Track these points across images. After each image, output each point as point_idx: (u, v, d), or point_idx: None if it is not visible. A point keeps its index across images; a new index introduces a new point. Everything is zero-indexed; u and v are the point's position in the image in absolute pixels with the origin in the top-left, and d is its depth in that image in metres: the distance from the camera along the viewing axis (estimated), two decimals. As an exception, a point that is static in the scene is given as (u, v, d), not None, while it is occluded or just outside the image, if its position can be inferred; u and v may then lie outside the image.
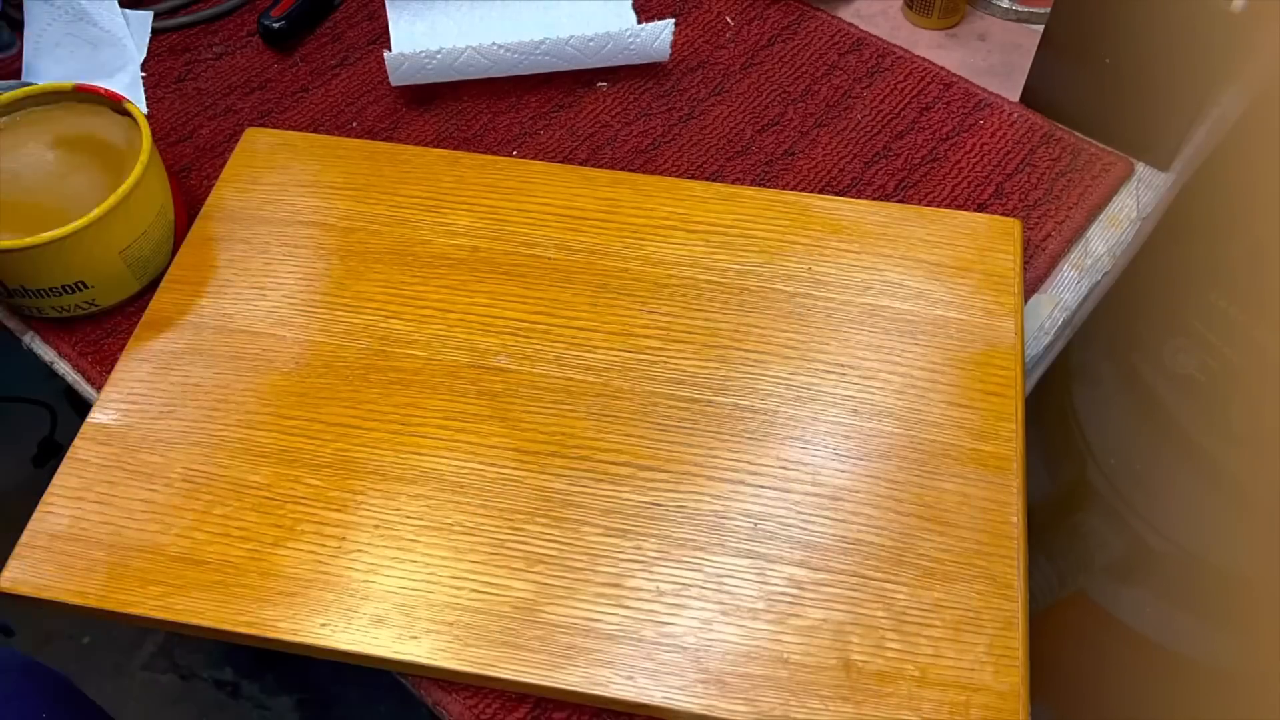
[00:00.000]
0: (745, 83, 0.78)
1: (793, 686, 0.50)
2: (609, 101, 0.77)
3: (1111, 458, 0.92)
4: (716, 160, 0.73)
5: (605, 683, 0.50)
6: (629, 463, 0.57)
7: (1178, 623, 0.92)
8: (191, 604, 0.53)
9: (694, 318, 0.62)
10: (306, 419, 0.59)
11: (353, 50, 0.81)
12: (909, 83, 0.77)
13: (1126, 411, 0.90)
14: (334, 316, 0.63)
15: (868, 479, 0.56)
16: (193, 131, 0.77)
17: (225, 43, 0.82)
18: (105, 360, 0.64)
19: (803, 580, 0.53)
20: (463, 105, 0.77)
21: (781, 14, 0.82)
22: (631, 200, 0.68)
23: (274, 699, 1.27)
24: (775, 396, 0.59)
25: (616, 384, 0.60)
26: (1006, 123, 0.74)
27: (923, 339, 0.61)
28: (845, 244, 0.65)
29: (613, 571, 0.53)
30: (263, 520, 0.56)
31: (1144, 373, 0.88)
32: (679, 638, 0.52)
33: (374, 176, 0.70)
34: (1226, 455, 0.84)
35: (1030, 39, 0.75)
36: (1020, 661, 0.51)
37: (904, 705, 0.49)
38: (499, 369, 0.61)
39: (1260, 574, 0.86)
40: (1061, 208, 0.70)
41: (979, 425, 0.58)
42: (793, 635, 0.51)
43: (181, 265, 0.66)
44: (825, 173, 0.72)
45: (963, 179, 0.71)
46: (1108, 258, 0.69)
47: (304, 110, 0.77)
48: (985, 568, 0.53)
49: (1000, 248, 0.65)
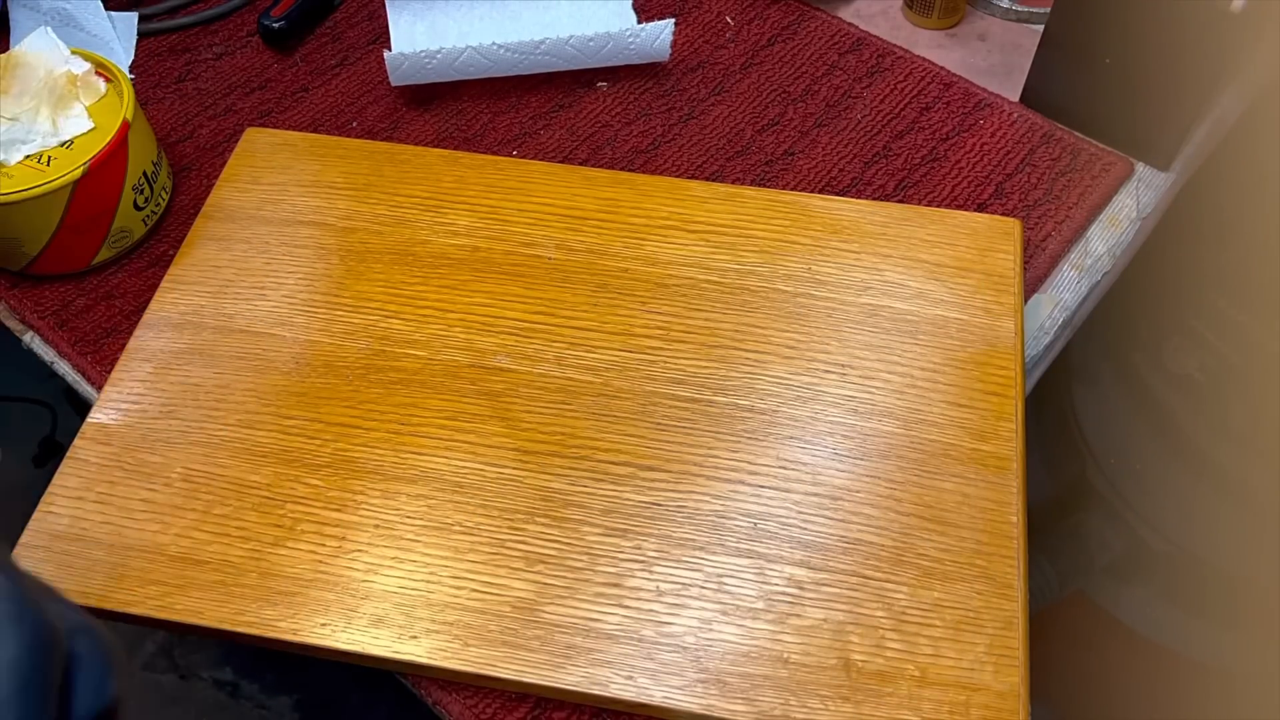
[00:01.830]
0: (745, 83, 0.78)
1: (793, 686, 0.50)
2: (609, 101, 0.77)
3: (1111, 458, 0.92)
4: (716, 160, 0.73)
5: (605, 682, 0.50)
6: (629, 462, 0.57)
7: (1178, 623, 0.92)
8: (192, 604, 0.53)
9: (694, 318, 0.62)
10: (306, 419, 0.59)
11: (353, 50, 0.81)
12: (909, 83, 0.77)
13: (1126, 411, 0.90)
14: (334, 316, 0.63)
15: (868, 479, 0.56)
16: (193, 131, 0.77)
17: (225, 43, 0.82)
18: (105, 360, 0.64)
19: (803, 580, 0.53)
20: (463, 105, 0.77)
21: (781, 14, 0.82)
22: (631, 200, 0.68)
23: (274, 699, 1.27)
24: (775, 396, 0.59)
25: (616, 384, 0.60)
26: (1006, 123, 0.74)
27: (923, 339, 0.61)
28: (845, 244, 0.65)
29: (613, 571, 0.53)
30: (263, 520, 0.56)
31: (1144, 373, 0.88)
32: (679, 637, 0.51)
33: (374, 176, 0.70)
34: (1226, 455, 0.84)
35: (1030, 39, 0.75)
36: (1020, 661, 0.50)
37: (904, 705, 0.49)
38: (499, 369, 0.61)
39: (1260, 574, 0.86)
40: (1061, 208, 0.70)
41: (979, 425, 0.58)
42: (793, 635, 0.51)
43: (181, 265, 0.66)
44: (825, 173, 0.72)
45: (963, 179, 0.71)
46: (1108, 258, 0.69)
47: (304, 110, 0.77)
48: (985, 567, 0.53)
49: (1000, 247, 0.65)
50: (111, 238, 0.68)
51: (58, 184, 0.63)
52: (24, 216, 0.64)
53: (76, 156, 0.64)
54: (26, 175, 0.63)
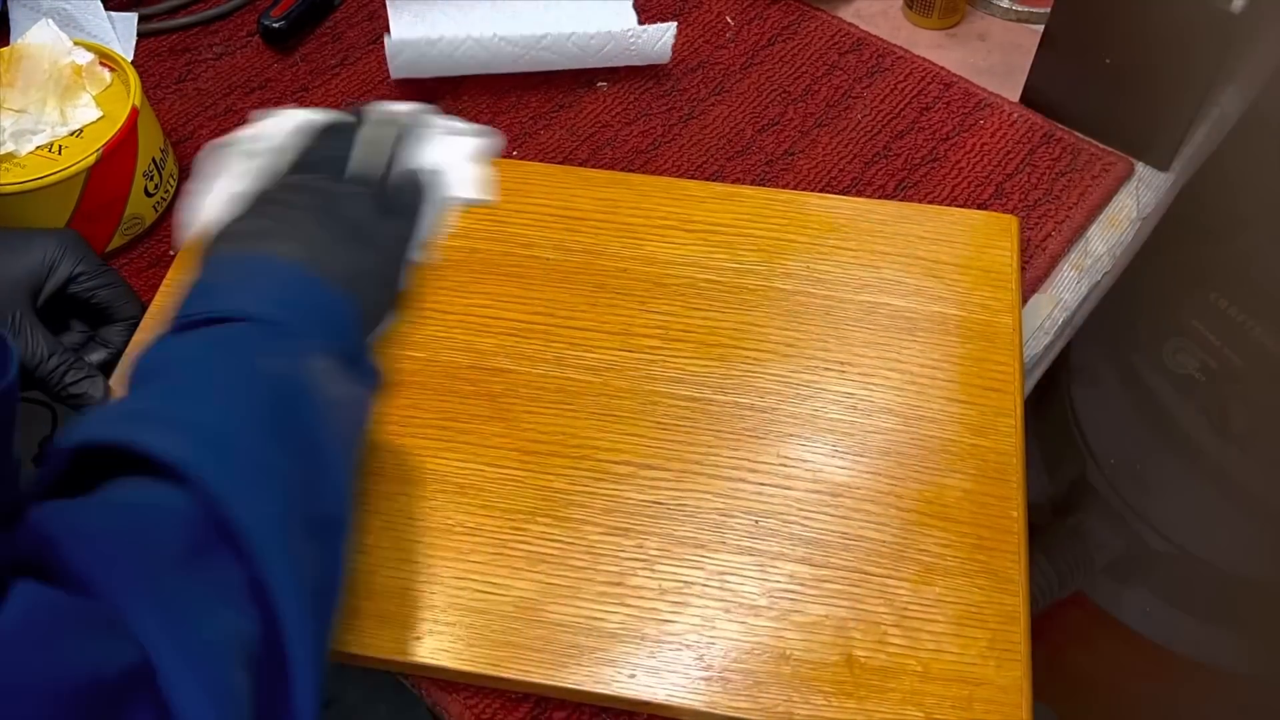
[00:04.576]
0: (745, 83, 0.78)
1: (795, 683, 0.50)
2: (609, 101, 0.77)
3: (1111, 458, 0.92)
4: (716, 160, 0.73)
5: (608, 681, 0.50)
6: (630, 461, 0.57)
7: (1178, 623, 0.92)
8: (192, 603, 0.53)
9: (693, 317, 0.62)
10: (307, 418, 0.59)
11: (353, 50, 0.81)
12: (909, 83, 0.77)
13: (1126, 411, 0.90)
14: (334, 316, 0.63)
15: (868, 475, 0.56)
16: (193, 131, 0.77)
17: (225, 43, 0.82)
18: (105, 360, 0.64)
19: (804, 577, 0.53)
20: (463, 105, 0.77)
21: (781, 14, 0.82)
22: (630, 200, 0.68)
23: (274, 701, 1.26)
24: (775, 394, 0.59)
25: (616, 383, 0.60)
26: (1006, 123, 0.74)
27: (921, 335, 0.61)
28: (843, 242, 0.65)
29: (615, 570, 0.53)
30: (263, 519, 0.56)
31: (1144, 373, 0.88)
32: (681, 635, 0.51)
33: (374, 177, 0.70)
34: (1226, 455, 0.84)
35: (1030, 39, 0.75)
36: (1023, 655, 0.50)
37: (907, 700, 0.49)
38: (499, 369, 0.61)
39: (1260, 574, 0.86)
40: (1061, 208, 0.70)
41: (978, 420, 0.58)
42: (795, 632, 0.51)
43: (180, 268, 0.66)
44: (825, 173, 0.72)
45: (963, 179, 0.71)
46: (1108, 258, 0.69)
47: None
48: (986, 562, 0.53)
49: (997, 244, 0.65)
50: (124, 225, 0.68)
51: (71, 171, 0.63)
52: (38, 205, 0.64)
53: (88, 145, 0.64)
54: (39, 165, 0.64)
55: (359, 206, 0.46)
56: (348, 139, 0.48)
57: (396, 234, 0.47)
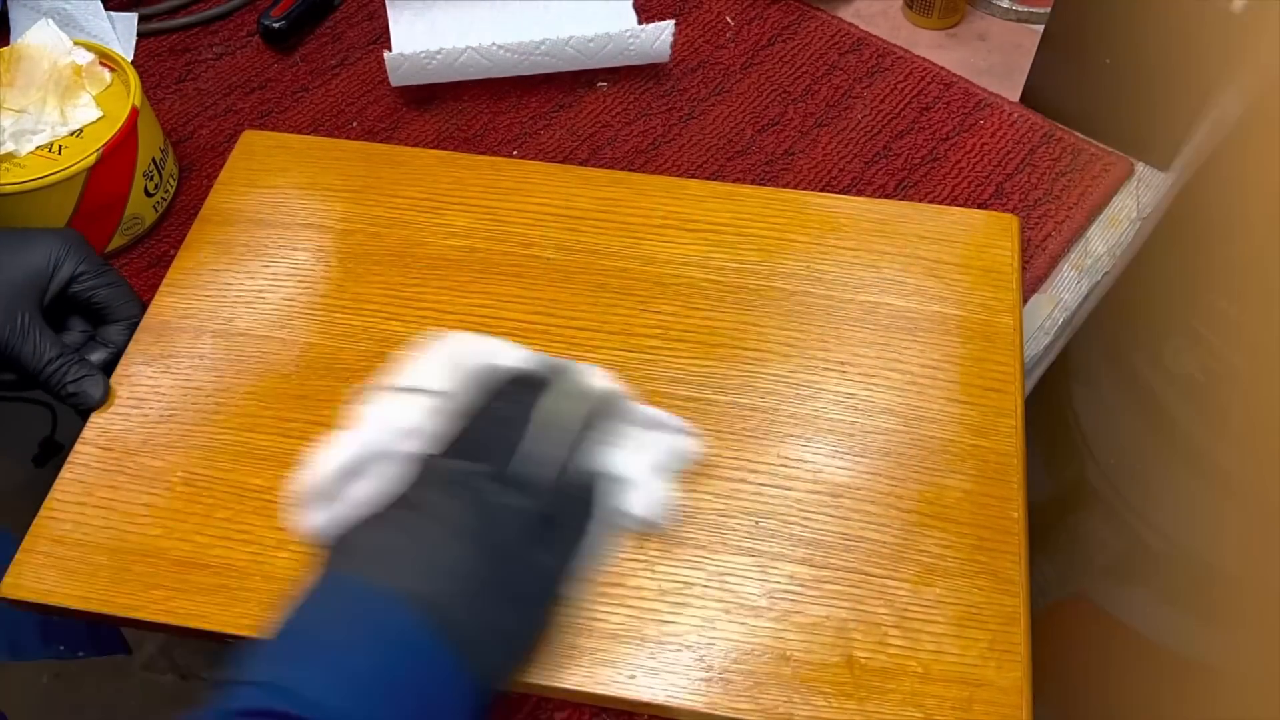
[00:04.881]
0: (745, 83, 0.78)
1: (796, 684, 0.50)
2: (609, 101, 0.77)
3: (1111, 458, 0.92)
4: (716, 160, 0.73)
5: (608, 682, 0.50)
6: (630, 461, 0.57)
7: (1178, 623, 0.92)
8: (195, 607, 0.53)
9: (693, 316, 0.62)
10: (307, 421, 0.59)
11: (353, 50, 0.81)
12: (909, 83, 0.77)
13: (1126, 411, 0.90)
14: (333, 319, 0.63)
15: (868, 475, 0.56)
16: (193, 132, 0.77)
17: (225, 43, 0.82)
18: (105, 361, 0.64)
19: (804, 578, 0.53)
20: (463, 105, 0.77)
21: (781, 14, 0.82)
22: (629, 200, 0.68)
23: (274, 701, 1.27)
24: (775, 394, 0.59)
25: (617, 383, 0.60)
26: (1006, 123, 0.74)
27: (922, 335, 0.61)
28: (843, 241, 0.65)
29: (615, 571, 0.53)
30: (265, 523, 0.56)
31: (1144, 373, 0.88)
32: (682, 636, 0.51)
33: (371, 178, 0.70)
34: (1226, 455, 0.84)
35: (1030, 39, 0.75)
36: (1023, 656, 0.51)
37: (907, 701, 0.49)
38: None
39: (1259, 574, 0.86)
40: (1061, 208, 0.70)
41: (979, 421, 0.58)
42: (795, 632, 0.51)
43: (180, 268, 0.66)
44: (825, 173, 0.72)
45: (963, 179, 0.71)
46: (1108, 258, 0.69)
47: (304, 110, 0.77)
48: (987, 563, 0.53)
49: (998, 243, 0.65)
50: (124, 225, 0.69)
51: (71, 171, 0.63)
52: (39, 205, 0.64)
53: (88, 144, 0.65)
54: (39, 164, 0.64)
55: (516, 529, 0.40)
56: (526, 406, 0.42)
57: (552, 569, 0.41)
